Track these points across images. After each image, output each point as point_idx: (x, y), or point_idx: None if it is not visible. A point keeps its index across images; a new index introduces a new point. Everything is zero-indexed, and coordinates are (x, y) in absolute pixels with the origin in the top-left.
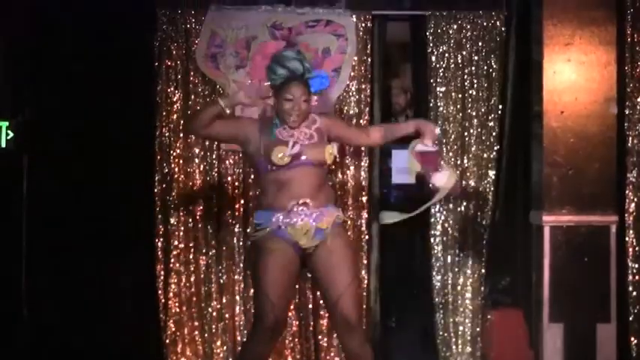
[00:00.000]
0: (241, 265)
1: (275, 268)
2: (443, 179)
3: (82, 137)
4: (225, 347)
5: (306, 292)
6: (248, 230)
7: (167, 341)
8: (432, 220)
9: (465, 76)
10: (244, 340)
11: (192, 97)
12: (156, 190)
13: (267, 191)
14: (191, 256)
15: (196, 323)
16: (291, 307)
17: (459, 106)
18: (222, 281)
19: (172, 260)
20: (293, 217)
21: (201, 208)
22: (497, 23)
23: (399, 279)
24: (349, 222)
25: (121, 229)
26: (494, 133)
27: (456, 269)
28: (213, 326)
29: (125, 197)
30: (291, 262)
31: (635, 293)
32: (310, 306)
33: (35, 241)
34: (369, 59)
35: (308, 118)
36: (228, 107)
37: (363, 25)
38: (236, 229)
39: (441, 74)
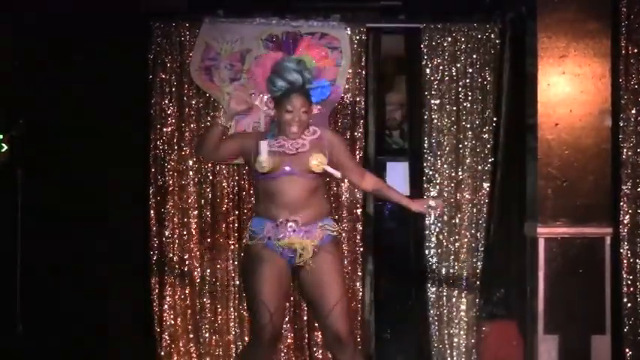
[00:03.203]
0: (236, 278)
1: (270, 279)
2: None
3: (76, 150)
4: None
5: (301, 305)
6: (244, 238)
7: (162, 354)
8: (427, 232)
9: (460, 89)
10: (241, 352)
11: (187, 109)
12: (150, 203)
13: (260, 199)
14: (185, 269)
15: (191, 336)
16: (286, 319)
17: (453, 119)
18: (216, 294)
19: (167, 273)
20: (281, 232)
21: (195, 220)
22: (492, 36)
23: (394, 291)
24: (344, 235)
25: (115, 241)
26: (488, 146)
27: (451, 281)
28: (208, 339)
29: (119, 210)
30: (283, 273)
31: (629, 304)
32: (305, 318)
33: (30, 253)
34: (364, 72)
35: (308, 129)
36: (227, 122)
37: (358, 37)
38: (230, 242)
39: (436, 87)
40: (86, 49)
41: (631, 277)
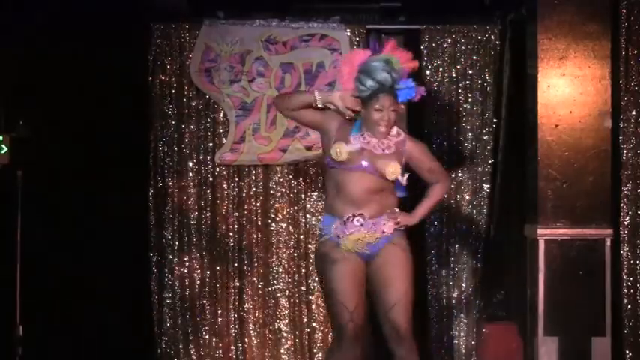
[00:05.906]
0: (236, 280)
1: (345, 277)
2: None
3: (77, 151)
4: None
5: (301, 306)
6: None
7: (162, 355)
8: (427, 233)
9: (460, 90)
10: (326, 352)
11: (186, 111)
12: (150, 204)
13: (328, 193)
14: (185, 270)
15: (191, 337)
16: (286, 320)
17: (453, 120)
18: (216, 295)
19: (167, 274)
20: (349, 228)
21: (195, 221)
22: (492, 37)
23: None
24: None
25: (115, 243)
26: (488, 147)
27: (451, 283)
28: (208, 340)
29: (119, 211)
30: (357, 269)
31: (629, 306)
32: (305, 319)
33: (30, 254)
34: None
35: (392, 129)
36: (320, 101)
37: (358, 39)
38: (230, 243)
39: (436, 88)
40: (86, 50)
41: (631, 279)
